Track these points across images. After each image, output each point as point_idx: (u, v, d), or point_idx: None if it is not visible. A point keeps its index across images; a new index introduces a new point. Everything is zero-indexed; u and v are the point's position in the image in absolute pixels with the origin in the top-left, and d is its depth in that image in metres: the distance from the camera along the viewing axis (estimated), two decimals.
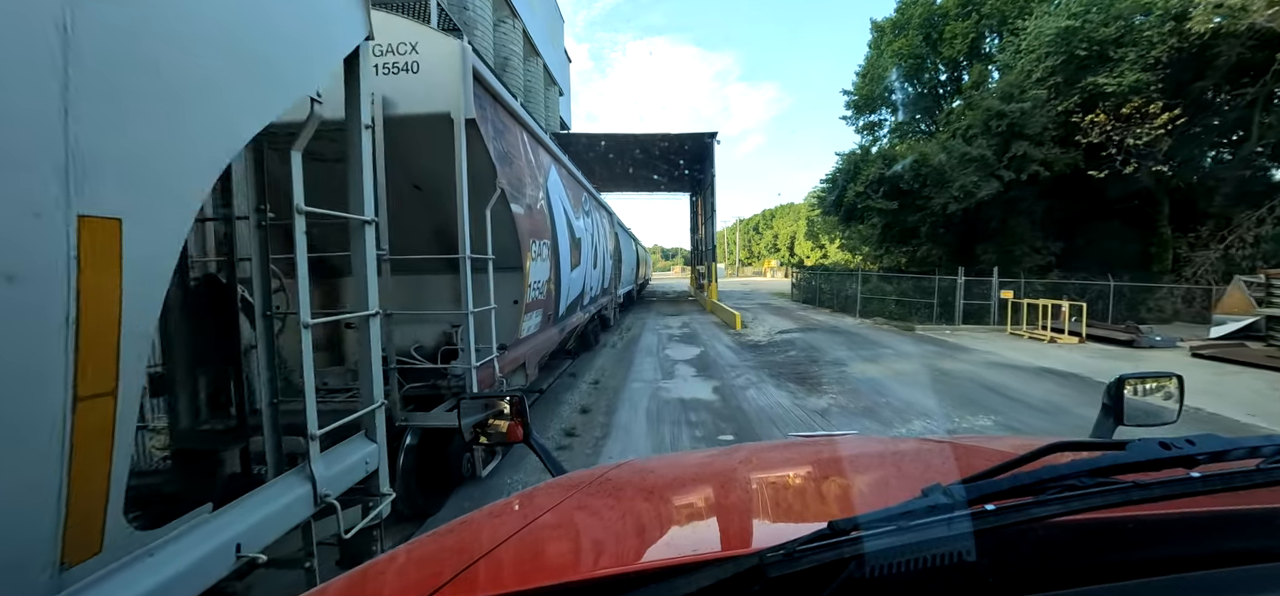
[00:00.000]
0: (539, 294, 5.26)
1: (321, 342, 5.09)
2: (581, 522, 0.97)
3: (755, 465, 1.25)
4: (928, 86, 19.53)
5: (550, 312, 5.93)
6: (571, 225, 7.04)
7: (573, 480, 1.19)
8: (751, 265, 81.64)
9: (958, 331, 13.91)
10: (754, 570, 0.50)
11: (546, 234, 5.41)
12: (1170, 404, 1.27)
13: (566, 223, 6.64)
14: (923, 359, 10.06)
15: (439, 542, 0.93)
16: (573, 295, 7.40)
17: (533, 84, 22.49)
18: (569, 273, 6.89)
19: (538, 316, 5.37)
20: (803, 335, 13.50)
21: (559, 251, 6.12)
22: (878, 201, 16.64)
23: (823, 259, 42.97)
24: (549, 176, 5.82)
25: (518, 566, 0.78)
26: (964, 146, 14.38)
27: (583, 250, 7.98)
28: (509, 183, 4.21)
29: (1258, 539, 0.65)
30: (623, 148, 25.93)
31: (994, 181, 14.46)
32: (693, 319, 18.05)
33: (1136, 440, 0.62)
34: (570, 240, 6.89)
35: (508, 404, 1.41)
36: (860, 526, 0.52)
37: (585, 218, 8.55)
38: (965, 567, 0.52)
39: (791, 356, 10.65)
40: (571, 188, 7.34)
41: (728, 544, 0.82)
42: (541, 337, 5.64)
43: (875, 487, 1.06)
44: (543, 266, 5.29)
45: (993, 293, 15.76)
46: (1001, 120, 13.81)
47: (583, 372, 9.46)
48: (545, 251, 5.38)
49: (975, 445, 1.30)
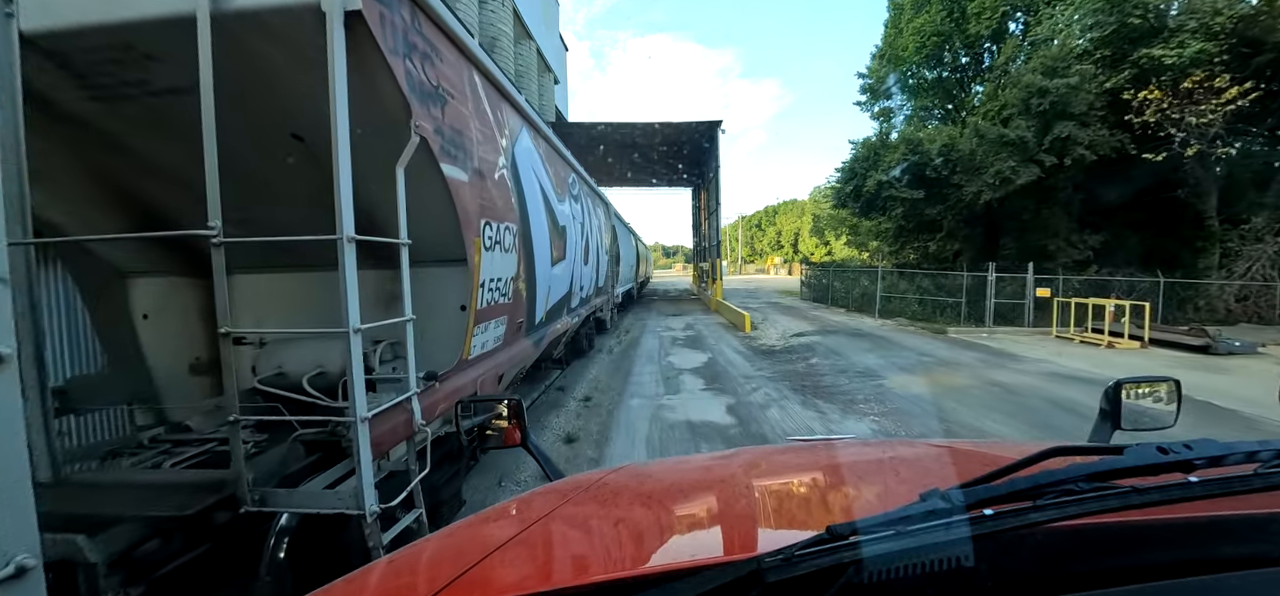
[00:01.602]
0: (499, 296, 3.87)
1: (204, 366, 3.71)
2: (579, 527, 0.96)
3: (753, 470, 1.26)
4: (950, 68, 18.05)
5: (521, 320, 4.53)
6: (552, 209, 5.64)
7: (571, 484, 1.20)
8: (754, 262, 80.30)
9: (994, 333, 12.50)
10: (752, 575, 0.50)
11: (510, 216, 4.01)
12: (1168, 408, 1.27)
13: (544, 205, 5.24)
14: (969, 369, 8.65)
15: (437, 546, 0.93)
16: (556, 296, 6.00)
17: (525, 69, 21.09)
18: (550, 268, 5.49)
19: (499, 326, 3.98)
20: (821, 338, 12.09)
21: (533, 241, 4.72)
22: (902, 190, 15.18)
23: (828, 256, 41.69)
24: (518, 142, 4.42)
25: (515, 571, 0.78)
26: (1000, 128, 12.90)
27: (569, 241, 6.58)
28: (440, 132, 2.82)
29: (1255, 543, 0.64)
30: (622, 138, 24.61)
31: (1032, 167, 12.99)
32: (697, 320, 16.67)
33: (1134, 445, 0.62)
34: (551, 227, 5.49)
35: (506, 407, 1.38)
36: (858, 531, 0.52)
37: (573, 203, 7.15)
38: (963, 572, 0.52)
39: (813, 365, 9.25)
40: (554, 164, 5.94)
41: (726, 549, 0.82)
42: (507, 354, 4.25)
43: (873, 492, 1.05)
44: (505, 260, 3.90)
45: (1027, 290, 14.35)
46: (1043, 98, 12.34)
47: (573, 385, 8.08)
48: (510, 239, 3.98)
49: (973, 450, 1.33)
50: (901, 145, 15.19)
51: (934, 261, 18.25)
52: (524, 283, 4.50)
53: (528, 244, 4.57)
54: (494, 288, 3.74)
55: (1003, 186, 13.37)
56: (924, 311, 15.67)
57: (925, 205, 15.55)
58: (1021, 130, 12.59)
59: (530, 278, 4.70)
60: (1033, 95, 12.48)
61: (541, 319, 5.36)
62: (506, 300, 4.07)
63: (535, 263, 4.83)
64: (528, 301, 4.70)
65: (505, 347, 4.21)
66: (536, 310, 5.09)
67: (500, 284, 3.88)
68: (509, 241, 4.00)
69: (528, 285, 4.64)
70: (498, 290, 3.84)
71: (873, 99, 19.71)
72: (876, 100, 19.70)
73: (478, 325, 3.51)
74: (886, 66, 18.35)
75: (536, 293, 5.00)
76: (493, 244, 3.63)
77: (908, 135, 15.42)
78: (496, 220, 3.69)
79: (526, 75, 21.01)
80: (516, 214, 4.21)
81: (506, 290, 4.03)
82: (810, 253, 55.91)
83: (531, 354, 4.87)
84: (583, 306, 8.29)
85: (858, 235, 29.04)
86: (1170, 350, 9.75)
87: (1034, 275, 14.22)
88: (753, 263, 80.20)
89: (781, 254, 74.13)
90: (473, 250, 3.26)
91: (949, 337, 12.18)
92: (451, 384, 3.19)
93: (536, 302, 5.05)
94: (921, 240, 18.70)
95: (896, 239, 19.23)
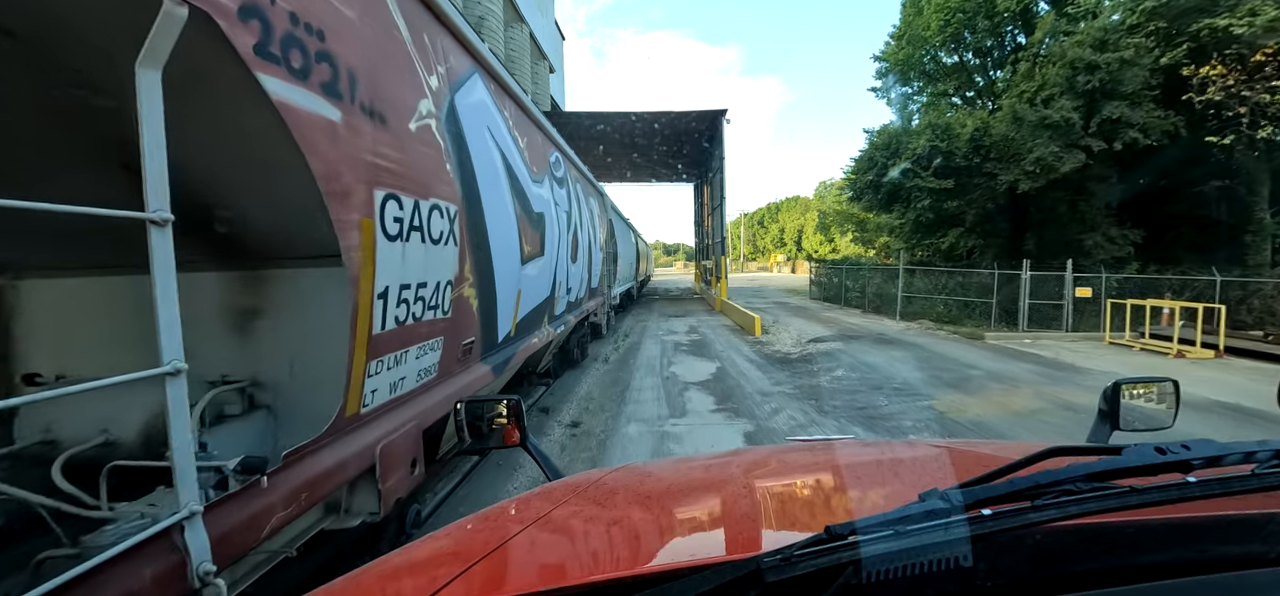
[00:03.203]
0: (427, 309, 2.57)
1: None
2: (578, 528, 0.96)
3: (753, 470, 1.25)
4: (974, 50, 16.66)
5: (469, 339, 3.24)
6: (523, 191, 4.34)
7: (570, 485, 1.19)
8: (756, 260, 78.95)
9: (1038, 339, 11.17)
10: (751, 575, 0.50)
11: (443, 190, 2.72)
12: (1166, 408, 1.28)
13: (509, 183, 3.94)
14: (1029, 386, 7.33)
15: (435, 546, 0.92)
16: (531, 303, 4.71)
17: (516, 54, 19.81)
18: (519, 267, 4.20)
19: (428, 353, 2.68)
20: (843, 345, 10.78)
21: (488, 229, 3.42)
22: (928, 180, 13.79)
23: (833, 252, 40.45)
24: (462, 89, 3.11)
25: (514, 571, 0.78)
26: (1041, 110, 11.51)
27: (550, 234, 5.27)
28: (258, 13, 1.52)
29: (1253, 544, 0.64)
30: (621, 130, 23.34)
31: (1077, 153, 11.62)
32: (701, 322, 15.38)
33: (1132, 445, 0.62)
34: (520, 214, 4.20)
35: (505, 406, 1.40)
36: (857, 531, 0.52)
37: (557, 188, 5.85)
38: (962, 572, 0.52)
39: (841, 380, 7.94)
40: (528, 135, 4.64)
41: (725, 549, 0.82)
42: (445, 392, 2.94)
43: (872, 492, 1.04)
44: (434, 256, 2.60)
45: (1066, 290, 13.02)
46: (1092, 75, 10.98)
47: (560, 405, 6.78)
48: (443, 225, 2.69)
49: (971, 450, 1.35)
50: (927, 131, 13.81)
51: (945, 259, 16.93)
52: (474, 288, 3.20)
53: (479, 234, 3.28)
54: (413, 297, 2.45)
55: (1044, 174, 11.99)
56: (950, 313, 14.34)
57: (950, 197, 14.18)
58: (1066, 111, 11.21)
59: (484, 280, 3.40)
60: (1079, 72, 11.10)
61: (508, 334, 4.06)
62: (441, 315, 2.77)
63: (493, 260, 3.53)
64: (482, 313, 3.40)
65: (442, 383, 2.91)
66: (498, 323, 3.79)
67: (427, 291, 2.58)
68: (441, 228, 2.70)
69: (481, 291, 3.35)
70: (422, 300, 2.54)
71: (890, 84, 18.34)
72: (894, 85, 18.31)
73: (378, 358, 2.21)
74: (904, 48, 16.99)
75: (498, 301, 3.70)
76: (405, 230, 2.33)
77: (932, 120, 14.06)
78: (412, 193, 2.38)
79: (518, 61, 19.74)
80: (456, 189, 2.91)
81: (439, 299, 2.74)
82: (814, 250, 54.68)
83: (490, 383, 3.58)
84: (571, 312, 6.99)
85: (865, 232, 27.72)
86: (1253, 360, 8.43)
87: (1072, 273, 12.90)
88: (755, 260, 78.84)
89: (784, 251, 72.86)
90: (355, 237, 1.97)
91: (987, 344, 10.85)
92: (316, 465, 1.88)
93: (498, 314, 3.75)
94: (934, 237, 17.36)
95: (914, 234, 17.82)
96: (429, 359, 2.73)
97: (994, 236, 16.88)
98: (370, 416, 2.22)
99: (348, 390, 2.03)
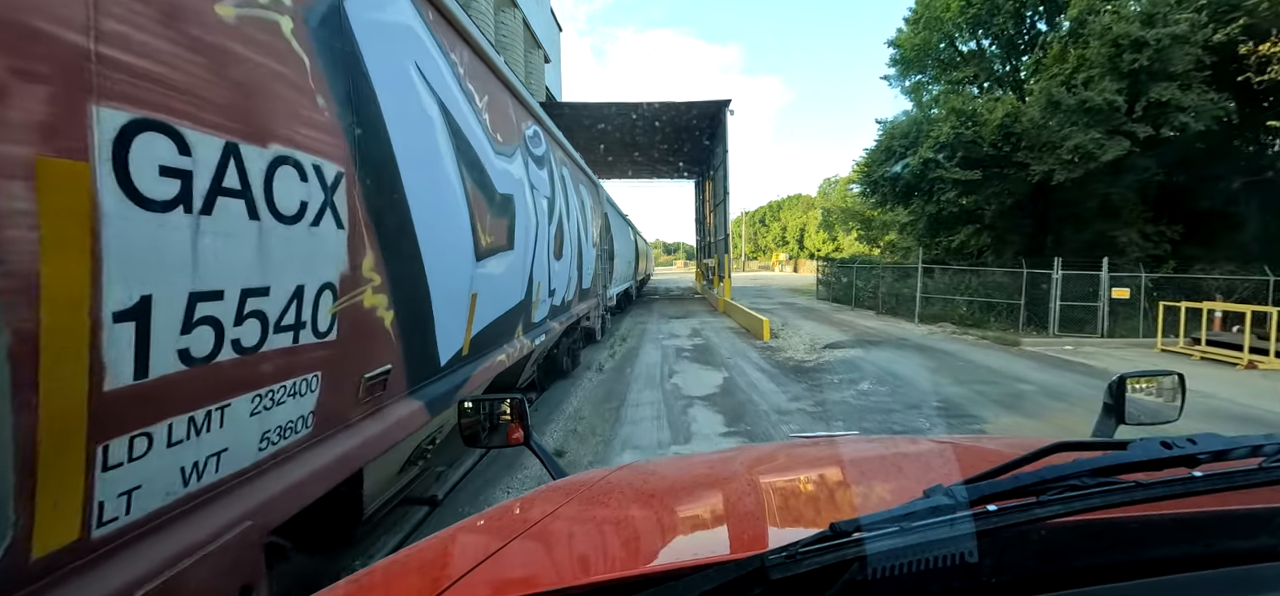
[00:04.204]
0: (272, 332, 1.54)
1: None
2: (582, 527, 0.95)
3: (757, 467, 1.24)
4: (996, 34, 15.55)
5: (379, 374, 2.19)
6: (478, 160, 3.29)
7: (574, 483, 1.17)
8: (757, 259, 77.96)
9: (1080, 346, 10.11)
10: (756, 572, 0.50)
11: (311, 136, 1.68)
12: (1172, 402, 1.26)
13: (452, 145, 2.88)
14: (1087, 404, 6.27)
15: (440, 546, 0.91)
16: (496, 311, 3.66)
17: (508, 40, 18.73)
18: (473, 264, 3.15)
19: (284, 404, 1.65)
20: (863, 352, 9.73)
21: (411, 209, 2.37)
22: (952, 171, 12.69)
23: (836, 251, 39.55)
24: None
25: (519, 570, 0.76)
26: (1082, 92, 10.42)
27: (520, 221, 4.22)
28: None
29: (1259, 538, 0.63)
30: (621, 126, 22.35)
31: (1120, 140, 10.53)
32: (705, 324, 14.34)
33: (1138, 440, 0.61)
34: (472, 192, 3.15)
35: (509, 405, 1.39)
36: (862, 528, 0.51)
37: (535, 167, 4.81)
38: (967, 568, 0.51)
39: (868, 395, 6.90)
40: (485, 86, 3.58)
41: (730, 546, 0.81)
42: (326, 462, 1.90)
43: (877, 489, 1.02)
44: (280, 243, 1.57)
45: (1101, 291, 11.99)
46: (1140, 53, 9.89)
47: (541, 428, 5.73)
48: (318, 196, 1.66)
49: (976, 446, 1.33)
50: (950, 117, 12.70)
51: (955, 257, 15.88)
52: (384, 294, 2.16)
53: (394, 214, 2.23)
54: (234, 313, 1.40)
55: (1083, 163, 10.87)
56: (972, 315, 13.29)
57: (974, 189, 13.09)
58: (1108, 93, 10.12)
59: (406, 282, 2.35)
60: (1125, 49, 10.01)
61: (458, 354, 3.01)
62: (312, 338, 1.73)
63: (423, 253, 2.48)
64: (405, 330, 2.36)
65: (323, 444, 1.87)
66: (437, 342, 2.74)
67: (272, 302, 1.54)
68: (302, 199, 1.65)
69: (401, 297, 2.30)
70: (260, 317, 1.50)
71: (904, 71, 17.20)
72: (908, 72, 17.17)
73: (135, 430, 1.17)
74: (921, 32, 15.89)
75: (434, 310, 2.66)
76: (198, 194, 1.28)
77: (956, 106, 12.96)
78: (220, 130, 1.33)
79: (511, 47, 18.67)
80: (342, 141, 1.86)
81: (307, 314, 1.69)
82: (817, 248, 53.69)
83: (425, 425, 2.53)
84: (556, 317, 5.95)
85: (871, 230, 26.66)
86: None
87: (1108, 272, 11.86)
88: (756, 259, 77.83)
89: (786, 250, 71.93)
90: (20, 199, 0.92)
91: (1025, 351, 9.78)
92: None
93: (436, 328, 2.70)
94: (943, 235, 16.30)
95: (928, 231, 16.73)
96: (288, 410, 1.69)
97: (1014, 233, 15.83)
98: (113, 544, 1.17)
99: (23, 506, 0.98)
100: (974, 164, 12.64)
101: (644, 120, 21.77)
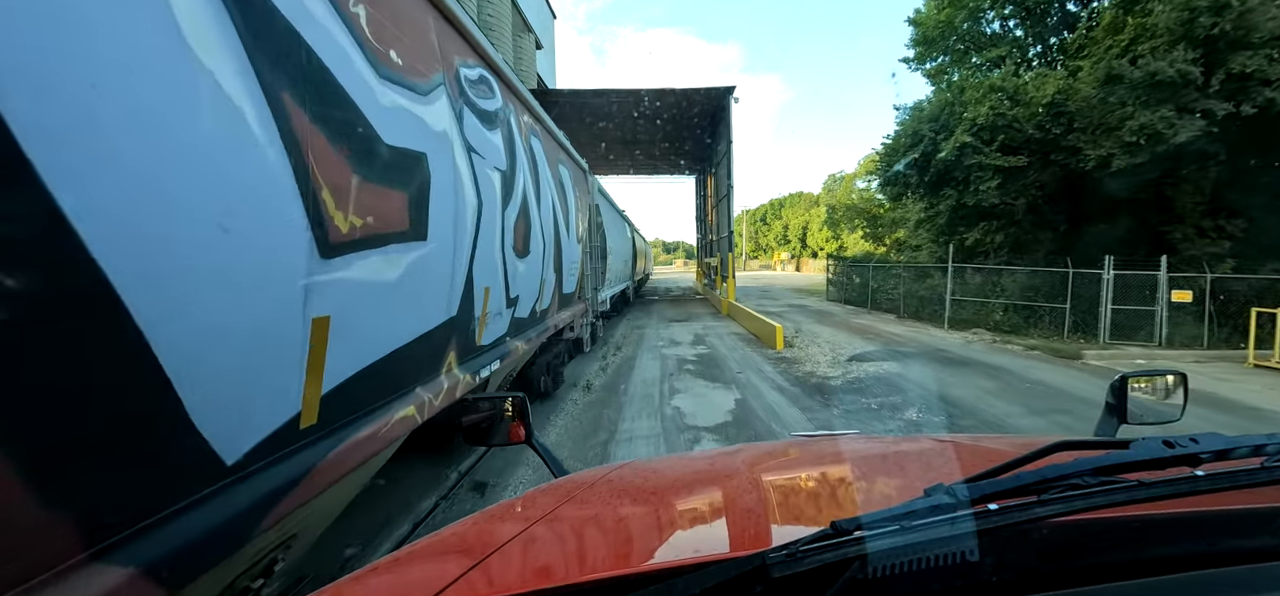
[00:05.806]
0: None
1: None
2: (584, 524, 0.95)
3: (758, 465, 1.24)
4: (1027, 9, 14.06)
5: None
6: (336, 86, 1.84)
7: (575, 481, 1.18)
8: (758, 258, 76.53)
9: (1154, 358, 8.69)
10: (757, 570, 0.50)
11: None
12: (1174, 402, 1.24)
13: (239, 34, 1.44)
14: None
15: (441, 544, 0.91)
16: (387, 346, 2.22)
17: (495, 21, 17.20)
18: (315, 264, 1.70)
19: None
20: (898, 367, 8.29)
21: (115, 148, 0.92)
22: (993, 156, 11.21)
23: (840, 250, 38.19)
24: None
25: (520, 568, 0.77)
26: (1151, 62, 8.94)
27: (446, 201, 2.76)
28: None
29: (1262, 537, 0.63)
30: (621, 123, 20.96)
31: (1194, 118, 9.09)
32: (708, 329, 12.92)
33: (1140, 439, 0.61)
34: (306, 135, 1.70)
35: (510, 404, 1.40)
36: (863, 526, 0.51)
37: (485, 127, 3.36)
38: (969, 567, 0.51)
39: (919, 430, 5.46)
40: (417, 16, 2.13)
41: (730, 545, 0.81)
42: None
43: (878, 487, 1.03)
44: None
45: (1159, 294, 10.56)
46: (1219, 17, 8.42)
47: (500, 481, 4.34)
48: None
49: (978, 444, 1.30)
50: (990, 96, 11.21)
51: (968, 255, 14.47)
52: None
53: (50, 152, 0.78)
54: None
55: (1149, 146, 9.39)
56: (1009, 320, 11.86)
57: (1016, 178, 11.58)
58: (1182, 64, 8.68)
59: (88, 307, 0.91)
60: (1201, 13, 8.55)
61: (279, 434, 1.56)
62: None
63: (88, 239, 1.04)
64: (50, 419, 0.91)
65: None
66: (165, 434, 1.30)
67: None
68: None
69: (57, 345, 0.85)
70: None
71: (925, 52, 15.72)
72: (930, 53, 15.68)
73: None
74: (945, 9, 14.40)
75: (169, 373, 1.20)
76: None
77: (995, 83, 11.49)
78: None
79: (498, 30, 17.17)
80: None
81: None
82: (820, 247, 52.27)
83: None
84: (521, 335, 4.50)
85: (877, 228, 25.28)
86: None
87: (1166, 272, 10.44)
88: (757, 258, 76.40)
89: (788, 248, 70.55)
90: None
91: (1089, 365, 8.34)
92: None
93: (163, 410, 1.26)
94: (964, 230, 14.89)
95: (950, 226, 15.26)
96: None
97: (1044, 229, 14.40)
98: None
99: None
100: (1015, 149, 11.17)
101: (644, 113, 20.40)
